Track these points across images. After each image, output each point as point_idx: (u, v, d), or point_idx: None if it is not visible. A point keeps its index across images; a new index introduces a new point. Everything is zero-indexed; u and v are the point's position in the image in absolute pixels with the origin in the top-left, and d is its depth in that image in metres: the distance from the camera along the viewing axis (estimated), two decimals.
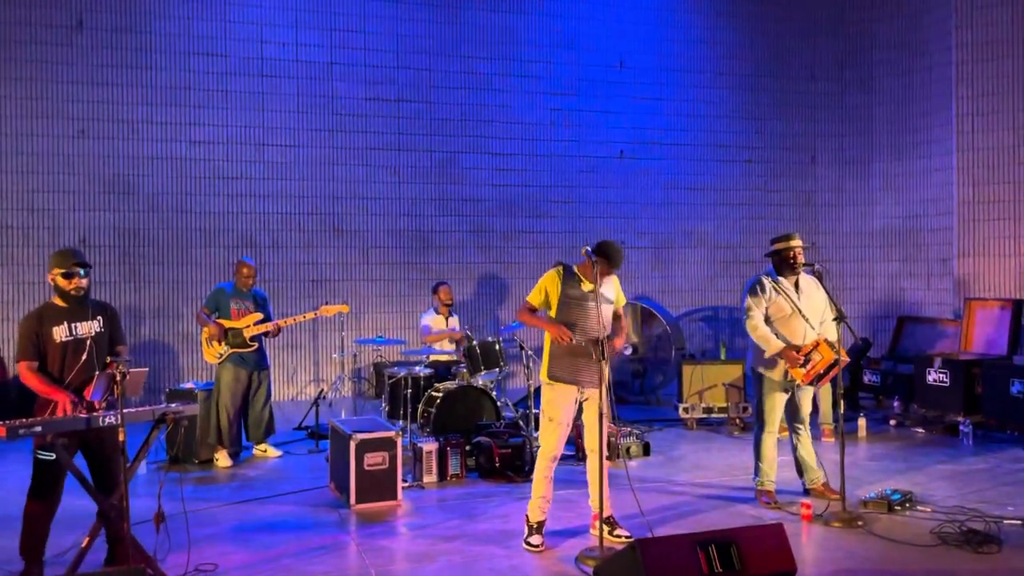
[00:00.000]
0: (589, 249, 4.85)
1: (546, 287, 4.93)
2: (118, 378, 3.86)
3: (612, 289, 5.01)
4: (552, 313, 4.90)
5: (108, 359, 4.13)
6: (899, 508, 5.40)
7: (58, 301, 4.35)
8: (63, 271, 4.28)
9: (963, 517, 5.14)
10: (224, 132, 9.98)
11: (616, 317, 5.07)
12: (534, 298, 4.96)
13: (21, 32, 9.28)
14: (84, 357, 4.28)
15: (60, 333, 4.27)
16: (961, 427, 7.66)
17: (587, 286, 4.88)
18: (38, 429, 3.87)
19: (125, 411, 3.92)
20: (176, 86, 9.80)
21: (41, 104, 9.37)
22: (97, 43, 9.53)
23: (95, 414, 4.03)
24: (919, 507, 5.46)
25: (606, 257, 4.84)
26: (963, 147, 10.09)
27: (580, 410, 4.97)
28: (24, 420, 3.88)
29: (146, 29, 9.70)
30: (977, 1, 9.98)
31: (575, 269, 4.96)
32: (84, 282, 4.33)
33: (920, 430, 8.10)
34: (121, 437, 3.87)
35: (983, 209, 9.98)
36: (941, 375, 8.20)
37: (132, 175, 9.67)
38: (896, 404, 8.81)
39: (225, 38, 9.96)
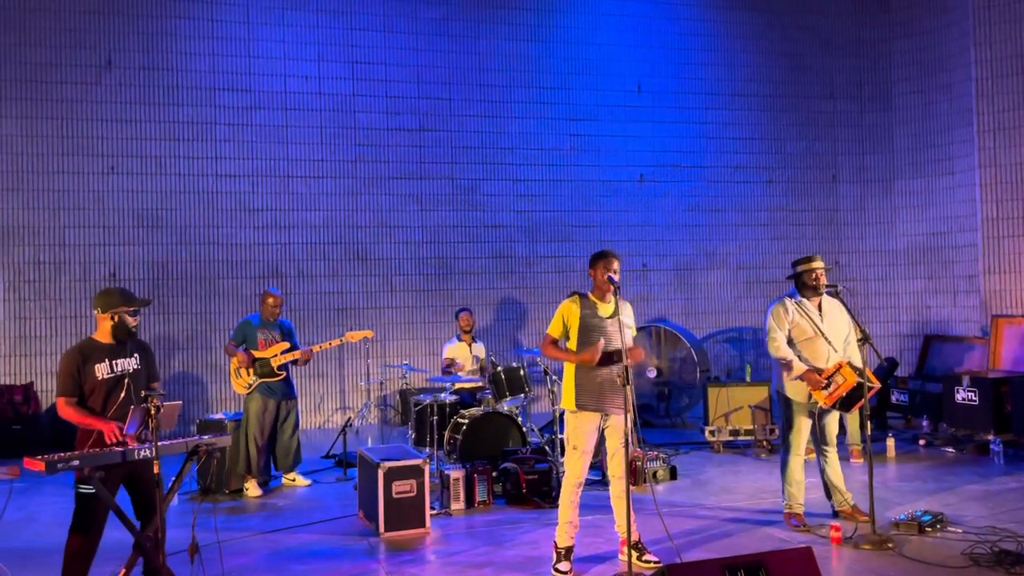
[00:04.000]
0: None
1: (564, 316, 4.97)
2: (152, 412, 3.94)
3: (630, 316, 5.06)
4: (572, 342, 4.94)
5: (143, 393, 4.22)
6: (930, 529, 5.36)
7: (99, 338, 4.44)
8: (131, 309, 4.45)
9: (995, 537, 5.10)
10: (249, 165, 10.16)
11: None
12: (554, 330, 5.01)
13: (52, 73, 9.53)
14: (123, 394, 4.37)
15: (102, 370, 4.37)
16: (992, 446, 7.59)
17: (604, 311, 4.94)
18: (76, 463, 3.95)
19: (159, 444, 4.00)
20: (202, 121, 10.00)
21: (71, 142, 9.59)
22: (125, 82, 9.77)
23: (130, 447, 4.12)
24: (950, 528, 5.41)
25: (600, 255, 4.96)
26: (985, 163, 10.05)
27: (604, 437, 5.00)
28: (62, 454, 3.96)
29: (172, 67, 9.92)
30: (996, 16, 9.98)
31: (590, 296, 5.01)
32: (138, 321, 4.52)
33: (950, 450, 8.02)
34: (156, 469, 3.95)
35: (1008, 225, 9.92)
36: (970, 394, 8.13)
37: (160, 209, 9.86)
38: (925, 424, 8.73)
39: (249, 73, 10.17)
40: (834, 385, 5.39)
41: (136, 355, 4.50)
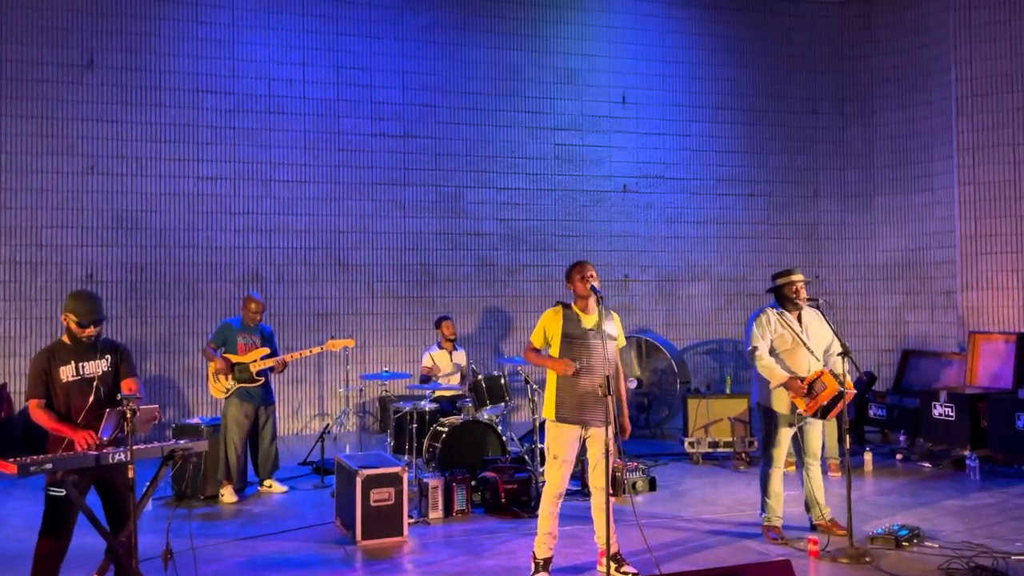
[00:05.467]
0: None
1: (545, 326, 4.99)
2: (128, 415, 3.88)
3: (615, 326, 5.05)
4: (554, 351, 4.93)
5: (118, 396, 4.15)
6: (906, 544, 5.37)
7: (67, 339, 4.37)
8: (78, 321, 4.30)
9: (971, 553, 5.13)
10: (231, 168, 10.09)
11: None
12: (535, 339, 5.04)
13: (33, 71, 9.43)
14: (92, 397, 4.29)
15: (67, 373, 4.29)
16: (968, 461, 7.64)
17: (587, 322, 4.92)
18: (49, 466, 3.88)
19: (134, 447, 3.94)
20: (184, 123, 9.93)
21: (51, 141, 9.49)
22: (107, 81, 9.68)
23: (104, 451, 4.05)
24: (926, 543, 5.44)
25: (574, 266, 5.00)
26: (964, 181, 10.16)
27: (585, 447, 4.98)
28: (35, 457, 3.90)
29: (155, 68, 9.85)
30: (976, 36, 10.11)
31: (573, 307, 5.00)
32: (96, 332, 4.36)
33: (927, 464, 8.07)
34: (131, 474, 3.88)
35: (986, 242, 10.02)
36: (947, 409, 8.20)
37: (140, 211, 9.77)
38: (902, 438, 8.79)
39: (233, 76, 10.11)
40: (815, 392, 5.41)
41: (108, 356, 4.42)
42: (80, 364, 4.32)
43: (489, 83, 11.04)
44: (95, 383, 4.32)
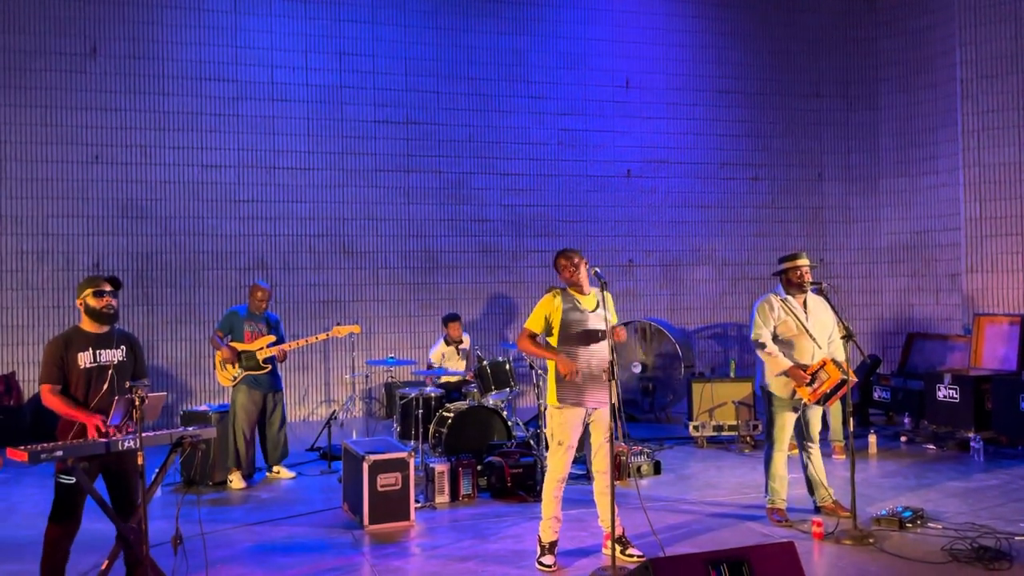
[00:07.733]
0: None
1: (546, 312, 4.96)
2: (137, 403, 3.92)
3: (609, 308, 5.05)
4: (554, 338, 4.94)
5: (128, 384, 4.18)
6: (910, 525, 5.41)
7: (85, 327, 4.39)
8: (94, 290, 4.31)
9: (974, 534, 5.16)
10: (235, 156, 10.10)
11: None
12: (534, 324, 4.97)
13: (36, 60, 9.44)
14: (105, 385, 4.32)
15: (84, 359, 4.32)
16: (972, 443, 7.66)
17: (586, 304, 4.94)
18: (59, 453, 3.92)
19: (143, 435, 3.98)
20: (188, 111, 9.94)
21: (55, 130, 9.51)
22: (111, 70, 9.69)
23: (114, 438, 4.09)
24: (930, 524, 5.47)
25: (559, 254, 5.00)
26: (969, 163, 10.13)
27: (589, 431, 5.01)
28: (45, 444, 3.94)
29: (158, 56, 9.85)
30: (981, 18, 10.05)
31: (570, 291, 5.01)
32: (114, 301, 4.37)
33: (931, 446, 8.10)
34: (140, 461, 3.93)
35: (991, 225, 10.00)
36: (951, 391, 8.21)
37: (145, 199, 9.80)
38: (906, 420, 8.81)
39: (236, 63, 10.11)
40: (818, 382, 5.43)
41: (123, 347, 4.45)
42: (98, 351, 4.35)
43: (492, 68, 11.02)
44: (110, 371, 4.35)
